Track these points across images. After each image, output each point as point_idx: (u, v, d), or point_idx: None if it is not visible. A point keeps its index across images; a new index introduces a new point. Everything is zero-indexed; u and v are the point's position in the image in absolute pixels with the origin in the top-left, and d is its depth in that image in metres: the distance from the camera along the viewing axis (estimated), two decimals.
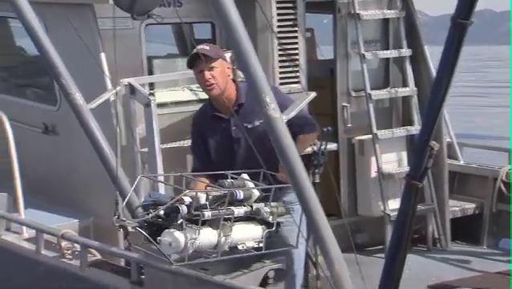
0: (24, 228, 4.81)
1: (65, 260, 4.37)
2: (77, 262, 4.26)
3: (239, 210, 3.48)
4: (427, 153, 3.58)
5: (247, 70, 3.06)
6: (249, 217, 3.55)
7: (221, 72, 3.95)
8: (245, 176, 3.67)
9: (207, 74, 3.92)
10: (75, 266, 4.27)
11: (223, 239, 3.41)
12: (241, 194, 3.52)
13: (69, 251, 4.40)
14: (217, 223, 3.40)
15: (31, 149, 5.44)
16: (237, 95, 4.01)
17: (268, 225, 3.57)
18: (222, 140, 4.02)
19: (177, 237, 3.35)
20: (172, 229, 3.39)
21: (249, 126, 3.91)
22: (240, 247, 3.52)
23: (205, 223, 3.37)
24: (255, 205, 3.56)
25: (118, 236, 4.94)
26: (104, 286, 4.12)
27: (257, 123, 3.91)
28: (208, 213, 3.35)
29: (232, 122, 4.01)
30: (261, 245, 3.53)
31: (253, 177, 3.70)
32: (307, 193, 3.18)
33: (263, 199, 3.60)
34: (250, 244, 3.55)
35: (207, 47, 3.98)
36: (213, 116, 4.05)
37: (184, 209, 3.36)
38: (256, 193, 3.57)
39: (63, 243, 4.40)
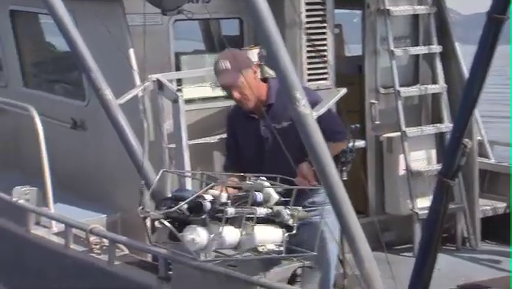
0: (53, 222, 4.83)
1: (93, 255, 4.38)
2: (105, 257, 4.27)
3: (261, 210, 3.44)
4: (460, 151, 3.52)
5: (278, 66, 3.02)
6: (269, 220, 3.51)
7: (249, 84, 3.89)
8: (263, 179, 3.64)
9: (235, 94, 3.93)
10: (103, 261, 4.27)
11: (245, 238, 3.38)
12: (260, 196, 3.49)
13: (97, 246, 4.41)
14: (239, 222, 3.36)
15: (60, 144, 5.46)
16: (267, 95, 3.99)
17: (288, 228, 3.52)
18: (252, 140, 4.01)
19: (200, 233, 3.32)
20: (194, 225, 3.37)
21: (278, 126, 3.86)
22: (260, 250, 3.46)
23: (226, 222, 3.35)
24: (276, 208, 3.52)
25: (145, 231, 4.95)
26: (132, 282, 4.12)
27: (285, 124, 3.88)
28: (231, 210, 3.31)
29: (261, 122, 3.99)
30: (281, 248, 3.49)
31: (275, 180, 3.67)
32: (337, 191, 3.13)
33: (283, 203, 3.56)
34: (271, 247, 3.49)
35: (228, 66, 3.89)
36: (245, 115, 4.04)
37: (207, 204, 3.34)
38: (275, 196, 3.54)
39: (92, 238, 4.41)
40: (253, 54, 5.04)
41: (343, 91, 4.81)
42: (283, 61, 2.96)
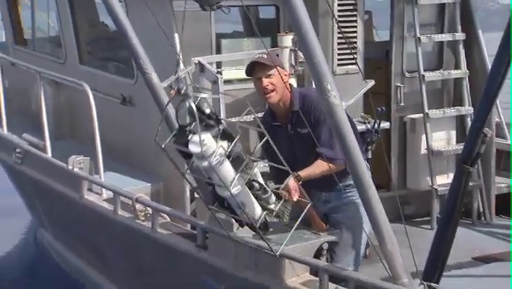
0: (104, 189, 4.84)
1: (138, 221, 4.37)
2: (149, 224, 4.26)
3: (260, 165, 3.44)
4: (480, 139, 3.40)
5: (309, 57, 2.90)
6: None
7: (279, 80, 3.71)
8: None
9: (265, 81, 3.71)
10: (147, 227, 4.27)
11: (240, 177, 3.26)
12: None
13: (142, 213, 4.40)
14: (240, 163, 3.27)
15: (110, 118, 5.45)
16: (290, 103, 3.78)
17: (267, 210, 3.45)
18: (284, 145, 3.73)
19: (207, 136, 3.16)
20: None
21: (302, 131, 3.71)
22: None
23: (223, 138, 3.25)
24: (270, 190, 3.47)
25: (185, 201, 4.94)
26: (172, 248, 4.11)
27: (305, 131, 3.68)
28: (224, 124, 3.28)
29: (289, 128, 3.82)
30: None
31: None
32: (364, 179, 3.02)
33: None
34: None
35: (264, 56, 3.75)
36: (271, 125, 3.81)
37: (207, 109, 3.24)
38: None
39: (137, 206, 4.40)
40: (288, 39, 4.93)
41: (371, 83, 4.68)
42: (315, 53, 2.85)
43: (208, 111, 3.22)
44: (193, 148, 3.17)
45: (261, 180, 3.44)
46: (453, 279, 4.35)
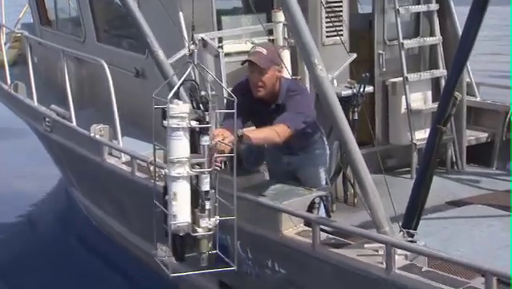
0: (122, 154, 4.79)
1: (152, 181, 4.32)
2: (162, 184, 4.21)
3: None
4: (451, 102, 3.33)
5: (297, 35, 2.81)
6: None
7: (271, 77, 3.52)
8: None
9: (256, 77, 3.52)
10: (161, 186, 4.21)
11: None
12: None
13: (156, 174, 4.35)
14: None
15: (126, 89, 5.36)
16: (277, 96, 3.59)
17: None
18: (261, 119, 3.61)
19: (184, 105, 2.85)
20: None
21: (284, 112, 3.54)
22: None
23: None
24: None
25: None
26: None
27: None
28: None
29: (270, 111, 3.60)
30: None
31: None
32: (346, 136, 2.96)
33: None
34: None
35: (264, 53, 3.50)
36: (251, 99, 3.61)
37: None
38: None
39: (152, 168, 4.35)
40: (282, 15, 4.78)
41: (353, 56, 4.56)
42: (303, 33, 2.75)
43: (204, 93, 2.94)
44: (170, 105, 2.81)
45: (208, 204, 2.86)
46: (429, 222, 4.33)
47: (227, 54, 4.78)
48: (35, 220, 6.89)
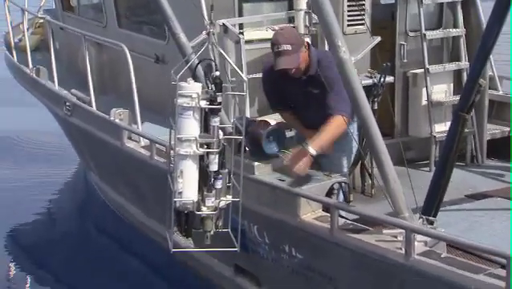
0: (141, 138, 4.81)
1: (172, 165, 4.33)
2: None
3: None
4: (475, 89, 3.29)
5: (322, 17, 2.79)
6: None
7: (302, 61, 3.57)
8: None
9: (291, 70, 3.58)
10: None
11: None
12: None
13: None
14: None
15: (146, 75, 5.38)
16: (309, 67, 3.62)
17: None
18: (296, 94, 3.69)
19: (196, 84, 2.91)
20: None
21: (314, 91, 3.59)
22: None
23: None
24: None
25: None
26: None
27: (317, 91, 3.59)
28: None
29: (300, 84, 3.68)
30: None
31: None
32: (369, 123, 2.95)
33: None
34: None
35: (289, 48, 3.48)
36: (284, 76, 3.68)
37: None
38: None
39: (171, 152, 4.36)
40: (303, 2, 4.77)
41: (378, 39, 4.52)
42: (327, 13, 2.74)
43: (217, 74, 2.94)
44: (180, 83, 2.85)
45: (219, 183, 2.88)
46: (447, 213, 4.30)
47: (248, 42, 4.77)
48: (54, 206, 6.97)
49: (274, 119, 4.12)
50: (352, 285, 3.20)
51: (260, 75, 4.80)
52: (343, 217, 3.29)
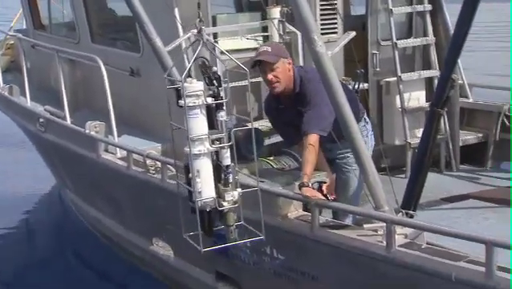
0: (118, 149, 4.78)
1: (149, 174, 4.32)
2: (159, 176, 4.21)
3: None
4: (449, 85, 3.38)
5: (298, 13, 2.85)
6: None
7: (283, 71, 3.58)
8: None
9: (269, 76, 3.56)
10: (157, 178, 4.22)
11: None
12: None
13: (152, 168, 4.35)
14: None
15: (121, 88, 5.37)
16: (294, 85, 3.65)
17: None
18: (288, 123, 3.75)
19: (198, 83, 2.85)
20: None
21: (302, 110, 3.60)
22: None
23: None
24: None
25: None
26: (181, 196, 4.05)
27: (303, 108, 3.61)
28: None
29: (288, 110, 3.72)
30: None
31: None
32: (343, 110, 2.97)
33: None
34: None
35: (269, 49, 3.57)
36: (276, 108, 3.79)
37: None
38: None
39: (148, 161, 4.35)
40: (276, 11, 4.85)
41: (353, 34, 4.59)
42: (303, 9, 2.79)
43: (215, 69, 3.00)
44: (185, 84, 2.82)
45: (231, 177, 2.88)
46: (425, 215, 4.34)
47: (222, 52, 4.81)
48: (30, 226, 6.83)
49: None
50: (336, 282, 3.20)
51: (237, 83, 4.86)
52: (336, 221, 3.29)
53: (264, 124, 4.65)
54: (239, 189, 2.89)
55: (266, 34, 4.88)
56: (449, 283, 2.64)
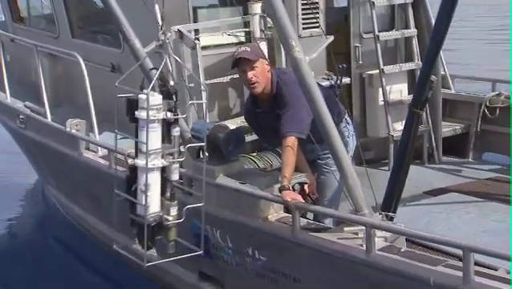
0: (99, 148, 4.74)
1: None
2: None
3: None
4: (427, 86, 3.38)
5: (276, 18, 2.82)
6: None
7: (262, 71, 3.62)
8: None
9: (250, 74, 3.60)
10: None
11: None
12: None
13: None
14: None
15: (102, 84, 5.30)
16: (271, 87, 3.69)
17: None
18: (266, 126, 3.78)
19: (157, 96, 2.85)
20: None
21: (280, 112, 3.60)
22: None
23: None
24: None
25: None
26: None
27: (281, 111, 3.61)
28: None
29: (269, 111, 3.74)
30: None
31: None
32: (322, 114, 2.96)
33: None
34: None
35: (248, 49, 3.64)
36: (254, 112, 3.83)
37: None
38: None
39: (129, 160, 4.30)
40: (258, 7, 4.81)
41: (331, 38, 4.59)
42: (281, 15, 2.77)
43: (172, 83, 2.98)
44: (141, 95, 2.84)
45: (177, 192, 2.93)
46: (407, 210, 4.40)
47: (204, 48, 4.78)
48: (13, 222, 6.78)
49: (233, 123, 4.13)
50: (317, 284, 3.22)
51: (217, 80, 4.83)
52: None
53: (238, 122, 4.63)
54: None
55: (247, 29, 4.83)
56: (427, 288, 2.67)
